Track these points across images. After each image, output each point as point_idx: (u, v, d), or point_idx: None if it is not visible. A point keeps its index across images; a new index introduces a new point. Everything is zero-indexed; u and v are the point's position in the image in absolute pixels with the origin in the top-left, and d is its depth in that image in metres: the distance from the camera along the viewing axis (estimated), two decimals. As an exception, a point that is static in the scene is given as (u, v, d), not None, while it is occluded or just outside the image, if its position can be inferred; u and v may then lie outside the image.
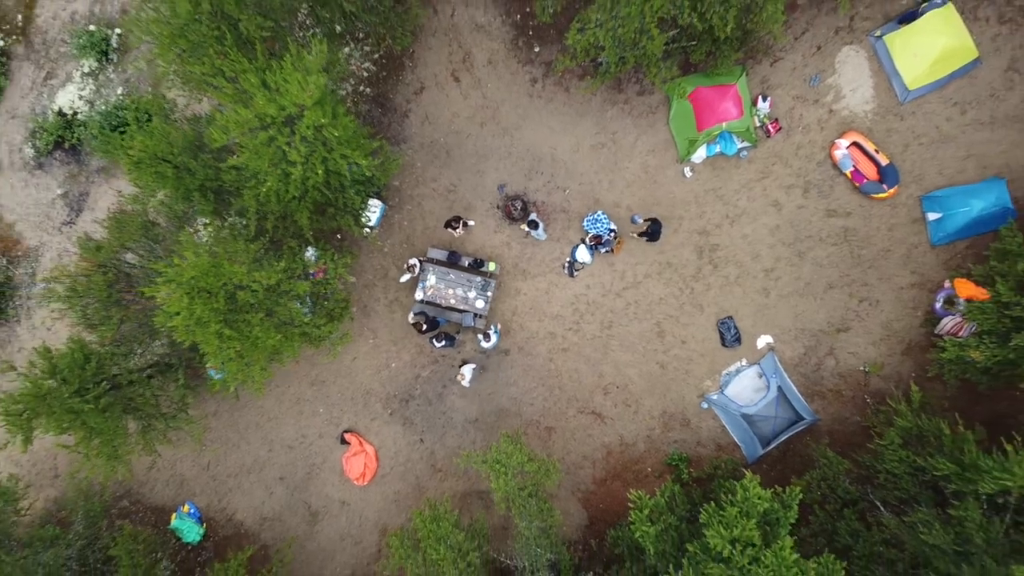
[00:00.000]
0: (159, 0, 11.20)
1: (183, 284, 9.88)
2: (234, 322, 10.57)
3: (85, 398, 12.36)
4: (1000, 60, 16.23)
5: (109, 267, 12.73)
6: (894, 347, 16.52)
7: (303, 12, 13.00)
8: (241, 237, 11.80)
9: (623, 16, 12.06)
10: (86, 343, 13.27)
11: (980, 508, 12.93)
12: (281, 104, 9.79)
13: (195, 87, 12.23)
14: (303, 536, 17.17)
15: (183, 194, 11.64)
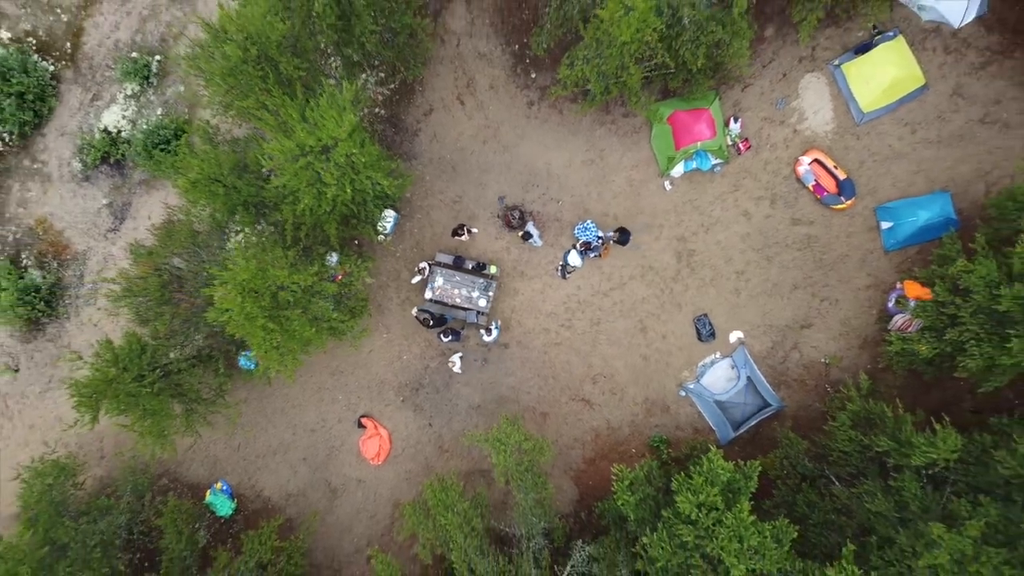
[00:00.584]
0: (210, 44, 13.17)
1: (237, 285, 11.83)
2: (276, 317, 12.52)
3: (142, 383, 14.33)
4: (946, 86, 18.19)
5: (163, 270, 14.71)
6: (852, 341, 18.48)
7: (330, 50, 14.94)
8: (276, 245, 13.77)
9: (606, 55, 14.03)
10: (140, 336, 15.25)
11: (919, 481, 14.92)
12: (319, 136, 11.73)
13: (237, 115, 14.23)
14: (324, 510, 19.13)
15: (229, 209, 13.61)
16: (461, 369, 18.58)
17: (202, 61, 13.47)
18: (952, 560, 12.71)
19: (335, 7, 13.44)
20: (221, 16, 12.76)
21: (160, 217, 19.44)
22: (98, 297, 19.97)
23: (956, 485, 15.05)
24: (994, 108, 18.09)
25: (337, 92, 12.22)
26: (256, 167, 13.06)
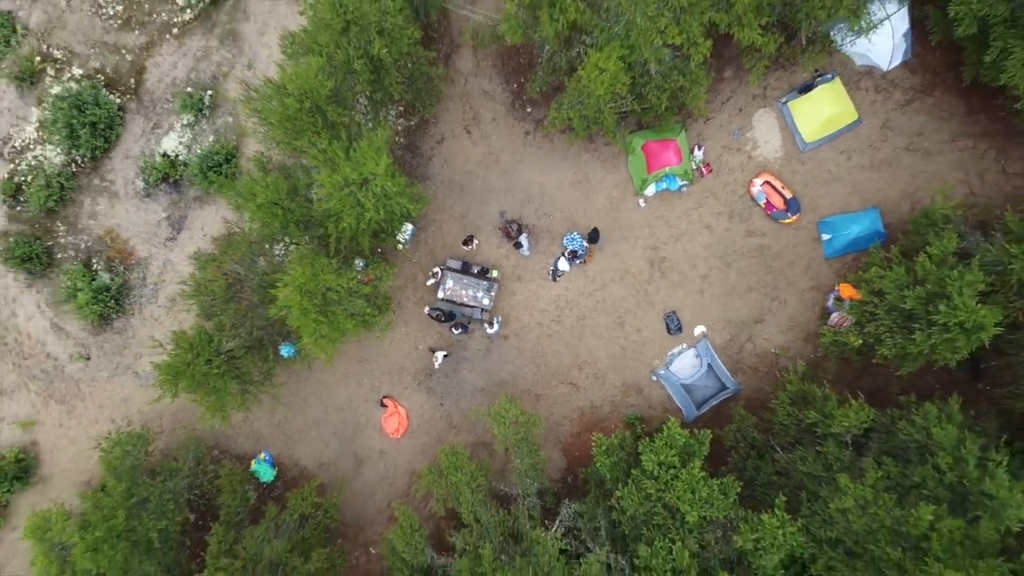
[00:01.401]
0: (272, 95, 16.51)
1: (296, 287, 15.14)
2: (324, 312, 15.84)
3: (211, 366, 17.70)
4: (876, 120, 21.54)
5: (229, 274, 18.03)
6: (797, 335, 21.81)
7: (361, 95, 18.27)
8: (321, 254, 17.12)
9: (586, 103, 17.38)
10: (207, 328, 18.61)
11: (841, 446, 18.25)
12: (360, 172, 15.04)
13: (287, 149, 17.59)
14: (351, 477, 22.47)
15: (283, 225, 16.94)
16: (440, 366, 21.97)
17: (261, 107, 16.84)
18: (856, 504, 16.06)
19: (369, 64, 16.82)
20: (282, 75, 16.11)
21: (213, 228, 22.90)
22: (159, 296, 23.39)
23: (872, 450, 18.42)
24: (917, 139, 21.44)
25: (374, 136, 15.57)
26: (305, 191, 16.43)
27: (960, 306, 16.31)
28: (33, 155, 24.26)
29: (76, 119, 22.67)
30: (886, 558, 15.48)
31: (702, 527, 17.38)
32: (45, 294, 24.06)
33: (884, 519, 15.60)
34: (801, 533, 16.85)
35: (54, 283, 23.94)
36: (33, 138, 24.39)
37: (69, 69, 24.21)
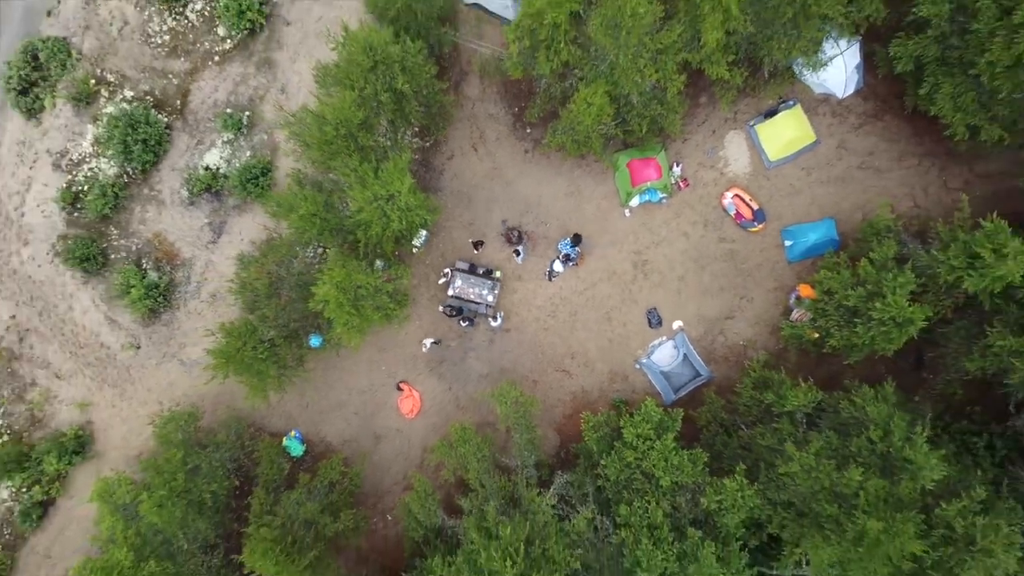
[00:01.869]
0: (310, 121, 19.46)
1: (333, 284, 18.09)
2: (355, 305, 18.79)
3: (256, 352, 20.69)
4: (833, 141, 24.50)
5: (271, 273, 20.99)
6: (763, 329, 24.76)
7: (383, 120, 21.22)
8: (352, 257, 20.09)
9: (577, 129, 20.36)
10: (250, 320, 21.60)
11: (794, 423, 21.19)
12: (387, 189, 17.99)
13: (321, 167, 20.56)
14: (371, 452, 25.42)
15: (319, 232, 19.91)
16: (428, 350, 24.94)
17: (301, 132, 19.85)
18: (802, 469, 19.00)
19: (393, 96, 19.78)
20: (320, 106, 19.09)
21: (250, 233, 25.88)
22: (201, 293, 26.38)
23: (822, 426, 21.37)
24: (868, 157, 24.41)
25: (398, 158, 18.55)
26: (338, 204, 19.41)
27: (893, 304, 19.30)
28: (88, 167, 27.26)
29: (130, 136, 25.65)
30: (825, 514, 18.43)
31: (674, 491, 20.33)
32: (99, 290, 27.05)
33: (824, 481, 18.56)
34: (758, 496, 19.85)
35: (107, 281, 26.94)
36: (88, 152, 27.39)
37: (121, 91, 27.22)
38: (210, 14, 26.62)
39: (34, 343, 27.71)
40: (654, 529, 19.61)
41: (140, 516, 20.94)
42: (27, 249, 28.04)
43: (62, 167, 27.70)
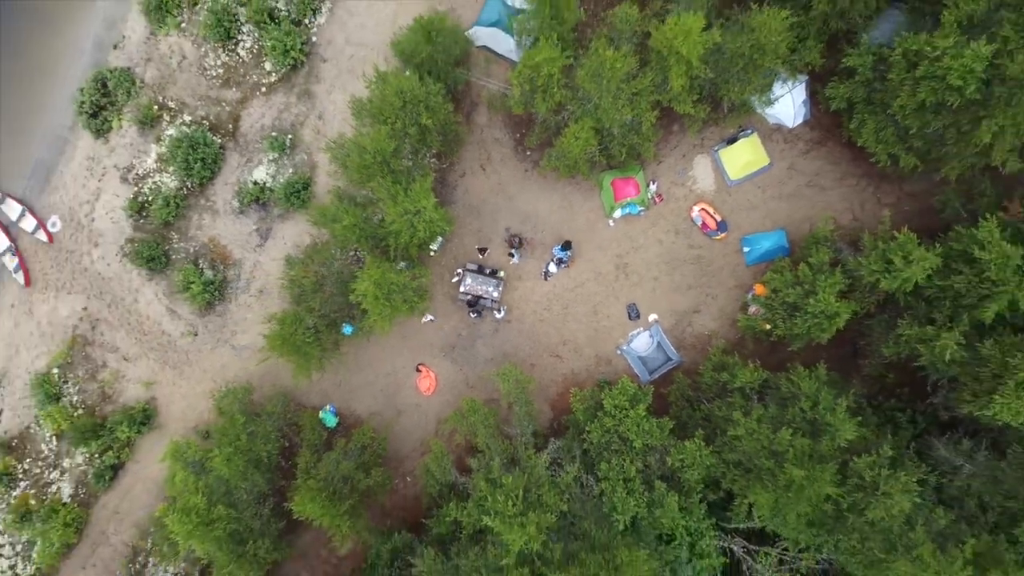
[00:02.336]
0: (351, 149, 23.94)
1: (372, 281, 22.55)
2: (388, 298, 23.25)
3: (305, 337, 25.18)
4: (784, 163, 28.94)
5: (317, 272, 25.48)
6: (725, 322, 29.21)
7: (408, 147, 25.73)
8: (383, 259, 24.57)
9: (567, 156, 24.86)
10: (297, 310, 26.08)
11: (745, 397, 25.63)
12: (415, 205, 22.48)
13: (358, 186, 25.06)
14: (394, 423, 29.84)
15: (358, 239, 24.38)
16: (432, 318, 29.37)
17: (342, 157, 24.36)
18: (746, 433, 23.47)
19: (419, 129, 24.29)
20: (359, 138, 23.58)
21: (293, 238, 30.37)
22: (250, 288, 30.87)
23: (768, 400, 25.83)
24: (815, 178, 28.84)
25: (423, 180, 23.07)
26: (373, 216, 23.93)
27: (822, 300, 23.76)
28: (152, 181, 31.79)
29: (191, 155, 30.17)
30: (764, 468, 22.90)
31: (645, 451, 24.82)
32: (162, 286, 31.57)
33: (763, 441, 23.03)
34: (713, 456, 24.33)
35: (168, 278, 31.45)
36: (152, 168, 31.90)
37: (180, 116, 31.74)
38: (258, 51, 31.14)
39: (104, 331, 32.23)
40: (628, 482, 24.12)
41: (206, 471, 25.46)
42: (97, 250, 32.56)
43: (128, 180, 32.23)
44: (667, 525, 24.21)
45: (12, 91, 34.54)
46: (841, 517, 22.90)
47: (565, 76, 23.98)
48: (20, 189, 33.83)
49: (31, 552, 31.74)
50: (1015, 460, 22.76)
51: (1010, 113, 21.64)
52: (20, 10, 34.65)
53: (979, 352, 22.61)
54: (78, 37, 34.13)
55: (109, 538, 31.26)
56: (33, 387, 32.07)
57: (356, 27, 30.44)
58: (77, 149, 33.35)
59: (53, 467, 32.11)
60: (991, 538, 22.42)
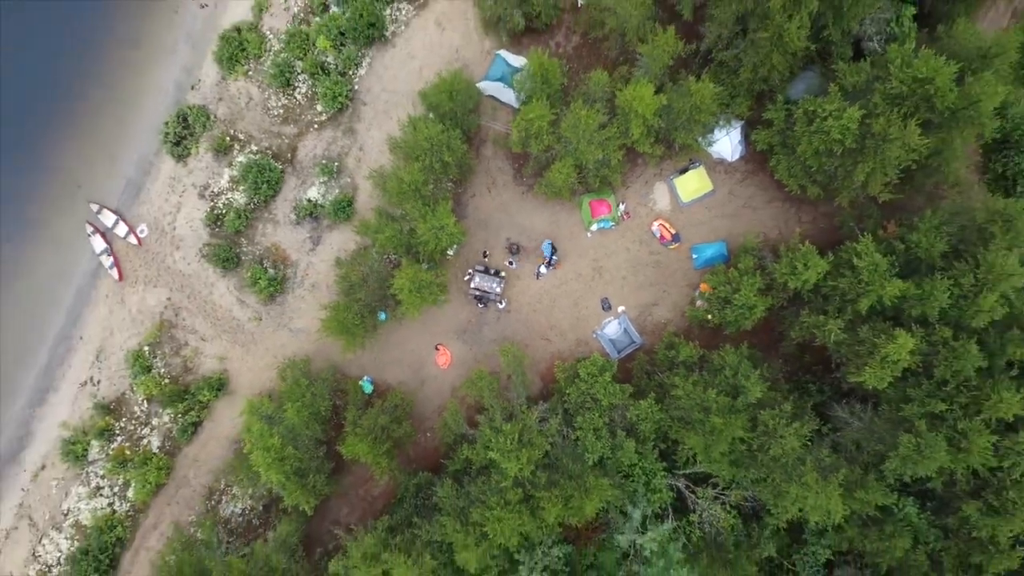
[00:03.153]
0: (391, 179, 31.73)
1: (407, 279, 30.28)
2: (418, 292, 31.03)
3: (352, 321, 33.03)
4: (725, 189, 36.69)
5: (361, 272, 33.26)
6: (677, 313, 36.95)
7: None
8: (414, 261, 32.36)
9: (553, 184, 32.70)
10: (346, 300, 33.90)
11: (688, 369, 33.38)
12: (439, 222, 30.20)
13: (394, 206, 32.90)
14: (418, 391, 37.49)
15: (395, 247, 32.16)
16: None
17: (383, 184, 32.18)
18: (685, 393, 31.21)
19: (442, 164, 32.09)
20: (398, 171, 31.34)
21: (339, 244, 38.15)
22: (304, 284, 38.63)
23: (705, 371, 33.57)
24: (749, 200, 36.57)
25: (445, 204, 30.87)
26: (407, 230, 31.82)
27: (744, 296, 31.55)
28: (225, 198, 39.60)
29: (258, 178, 37.99)
30: (696, 419, 30.64)
31: (611, 409, 32.53)
32: (232, 281, 39.33)
33: (696, 400, 30.73)
34: (661, 412, 32.11)
35: (238, 275, 39.19)
36: (225, 187, 39.68)
37: (248, 146, 39.55)
38: (312, 96, 38.93)
39: (185, 317, 40.03)
40: (597, 431, 31.86)
41: (276, 422, 33.18)
42: (178, 252, 40.37)
43: (205, 196, 40.04)
44: (626, 463, 31.95)
45: (108, 123, 42.26)
46: (752, 456, 30.68)
47: (552, 126, 31.78)
48: (114, 202, 41.57)
49: (126, 492, 39.52)
50: (884, 415, 30.53)
51: (878, 159, 29.35)
52: (114, 58, 42.36)
53: (858, 335, 30.37)
54: (162, 80, 41.88)
55: (190, 481, 39.07)
56: (128, 361, 39.86)
57: (390, 78, 38.26)
58: (161, 171, 41.14)
59: (144, 424, 39.93)
60: (862, 471, 30.20)
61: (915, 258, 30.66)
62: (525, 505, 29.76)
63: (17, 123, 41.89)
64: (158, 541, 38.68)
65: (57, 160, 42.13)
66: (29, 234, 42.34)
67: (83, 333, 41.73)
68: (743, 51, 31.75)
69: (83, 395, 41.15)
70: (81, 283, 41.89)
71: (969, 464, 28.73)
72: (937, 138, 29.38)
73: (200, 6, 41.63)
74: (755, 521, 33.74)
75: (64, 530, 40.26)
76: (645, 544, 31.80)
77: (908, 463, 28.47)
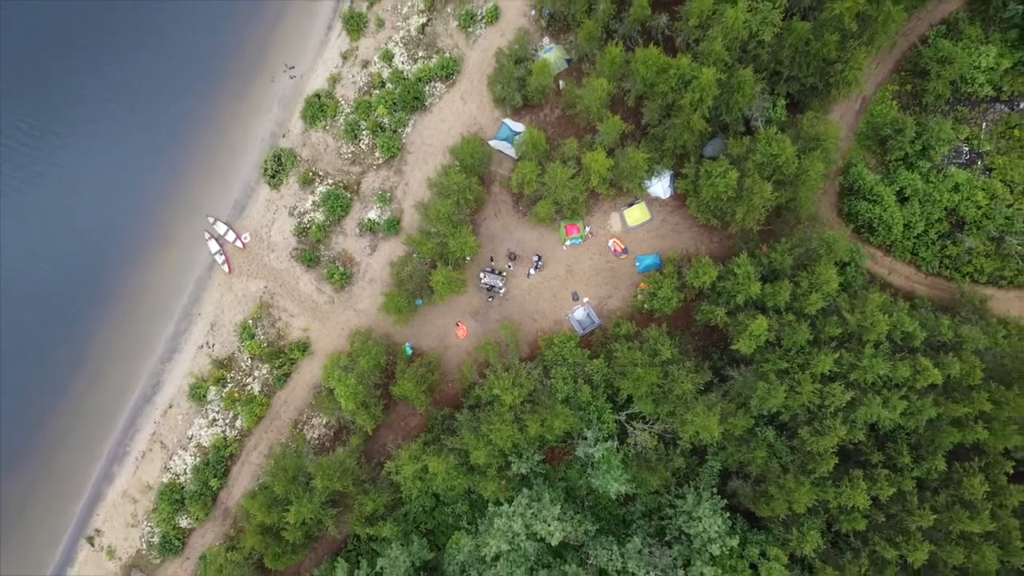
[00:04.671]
0: (431, 207, 47.34)
1: (442, 277, 45.66)
2: (449, 283, 46.43)
3: (402, 303, 48.69)
4: (660, 217, 52.10)
5: (407, 269, 48.69)
6: (625, 303, 52.40)
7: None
8: (444, 263, 47.86)
9: (540, 214, 48.26)
10: (398, 290, 49.50)
11: (628, 339, 48.94)
12: (463, 238, 45.60)
13: (432, 225, 48.57)
14: (443, 353, 52.93)
15: (433, 255, 47.63)
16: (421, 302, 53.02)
17: (425, 210, 47.85)
18: (622, 355, 46.74)
19: (464, 199, 47.66)
20: (435, 203, 46.85)
21: (391, 251, 53.83)
22: (364, 278, 54.24)
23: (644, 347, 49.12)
24: (676, 226, 51.99)
25: (467, 227, 46.33)
26: (441, 244, 47.43)
27: (664, 292, 47.22)
28: (309, 216, 55.20)
29: (334, 203, 53.63)
30: (628, 371, 46.19)
31: (575, 365, 48.05)
32: (313, 275, 54.92)
33: (629, 359, 46.31)
34: (608, 367, 47.70)
35: (318, 271, 54.76)
36: (309, 208, 55.25)
37: (326, 179, 55.18)
38: (372, 146, 54.43)
39: (278, 299, 55.60)
40: (564, 379, 47.42)
41: (350, 370, 48.70)
42: (273, 254, 55.97)
43: (293, 215, 55.64)
44: (583, 400, 47.45)
45: (222, 158, 57.67)
46: (665, 395, 46.22)
47: (538, 177, 47.38)
48: (225, 216, 57.10)
49: (235, 422, 55.07)
50: (751, 371, 46.05)
51: (749, 204, 44.83)
52: (226, 112, 57.90)
53: (736, 318, 45.91)
54: (261, 129, 57.33)
55: (281, 415, 54.62)
56: (238, 330, 55.41)
57: (429, 135, 53.78)
58: (260, 195, 56.72)
59: (248, 375, 55.54)
60: (736, 407, 45.68)
61: (774, 268, 46.24)
62: (516, 424, 45.33)
63: (158, 158, 57.49)
64: (259, 457, 54.34)
65: (185, 186, 57.72)
66: (163, 238, 57.90)
67: (201, 311, 57.36)
68: (667, 128, 47.33)
69: (201, 355, 56.79)
70: (200, 274, 57.47)
71: (802, 403, 44.20)
72: (787, 193, 44.92)
73: (290, 77, 57.26)
74: (672, 445, 49.27)
75: (189, 450, 55.96)
76: (596, 455, 47.26)
77: (763, 401, 43.94)
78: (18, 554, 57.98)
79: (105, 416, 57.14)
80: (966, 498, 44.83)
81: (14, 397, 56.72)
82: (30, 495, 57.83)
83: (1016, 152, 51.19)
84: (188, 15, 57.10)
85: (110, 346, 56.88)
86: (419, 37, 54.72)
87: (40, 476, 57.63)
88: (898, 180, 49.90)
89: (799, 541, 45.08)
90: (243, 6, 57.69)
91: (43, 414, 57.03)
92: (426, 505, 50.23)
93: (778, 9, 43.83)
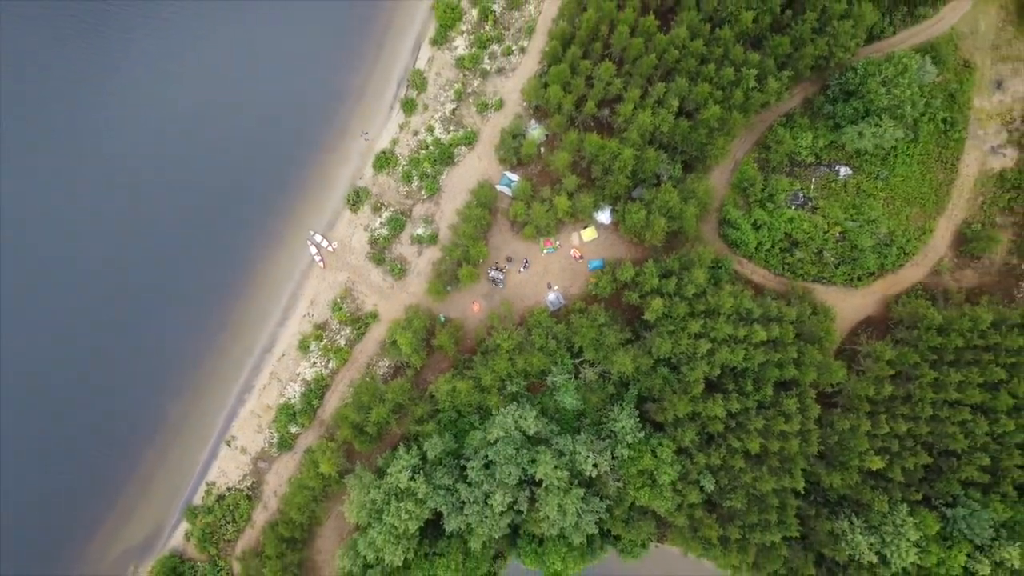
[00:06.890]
0: (462, 227, 75.62)
1: (466, 271, 73.48)
2: (468, 277, 74.44)
3: (441, 288, 77.21)
4: (604, 236, 79.58)
5: (443, 267, 76.68)
6: (582, 290, 79.89)
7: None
8: (467, 263, 75.98)
9: (527, 234, 76.54)
10: (438, 280, 77.86)
11: (585, 314, 77.09)
12: (479, 248, 73.51)
13: (459, 239, 76.98)
14: (464, 321, 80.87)
15: (461, 257, 75.68)
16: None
17: (457, 229, 76.31)
18: (579, 324, 74.90)
19: (481, 224, 75.97)
20: (461, 226, 75.05)
21: (430, 257, 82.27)
22: (414, 272, 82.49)
23: (589, 316, 77.31)
24: (613, 242, 79.63)
25: (483, 242, 74.31)
26: (467, 252, 75.71)
27: (603, 284, 75.58)
28: (378, 231, 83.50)
29: (394, 223, 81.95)
30: (582, 335, 74.36)
31: (547, 328, 76.16)
32: (380, 269, 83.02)
33: (580, 324, 74.49)
34: (567, 330, 75.89)
35: (384, 267, 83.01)
36: (379, 226, 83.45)
37: (389, 208, 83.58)
38: (420, 187, 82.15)
39: (357, 286, 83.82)
40: (540, 336, 75.47)
41: (407, 328, 76.87)
42: (353, 256, 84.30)
43: (367, 230, 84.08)
44: (551, 349, 75.36)
45: (315, 188, 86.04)
46: (600, 344, 74.28)
47: (526, 210, 75.71)
48: (321, 229, 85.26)
49: (328, 364, 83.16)
50: (655, 332, 74.31)
51: (653, 230, 73.09)
52: (317, 161, 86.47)
53: (646, 300, 74.20)
54: (343, 173, 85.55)
55: (358, 360, 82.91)
56: (330, 305, 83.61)
57: (456, 180, 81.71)
58: (344, 217, 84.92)
59: (337, 334, 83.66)
60: (645, 354, 73.83)
61: (668, 269, 74.45)
62: (509, 361, 73.65)
63: (276, 196, 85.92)
64: (344, 387, 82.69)
65: (295, 211, 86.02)
66: (276, 245, 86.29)
67: (303, 293, 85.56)
68: (606, 181, 75.49)
69: (304, 321, 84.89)
70: (303, 268, 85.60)
71: (682, 351, 72.08)
72: (675, 224, 73.08)
73: (364, 140, 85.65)
74: (607, 379, 77.36)
75: (297, 382, 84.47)
76: (558, 382, 75.53)
77: (659, 350, 71.98)
78: (179, 451, 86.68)
79: (241, 360, 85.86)
80: (784, 411, 72.88)
81: (181, 347, 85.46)
82: (189, 413, 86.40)
83: (832, 198, 79.12)
84: (298, 99, 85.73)
85: (246, 314, 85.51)
86: (451, 117, 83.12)
87: (195, 399, 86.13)
88: (753, 215, 77.97)
89: (681, 436, 73.18)
90: (336, 88, 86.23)
91: (198, 357, 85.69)
92: (452, 416, 78.67)
93: (671, 113, 72.09)
